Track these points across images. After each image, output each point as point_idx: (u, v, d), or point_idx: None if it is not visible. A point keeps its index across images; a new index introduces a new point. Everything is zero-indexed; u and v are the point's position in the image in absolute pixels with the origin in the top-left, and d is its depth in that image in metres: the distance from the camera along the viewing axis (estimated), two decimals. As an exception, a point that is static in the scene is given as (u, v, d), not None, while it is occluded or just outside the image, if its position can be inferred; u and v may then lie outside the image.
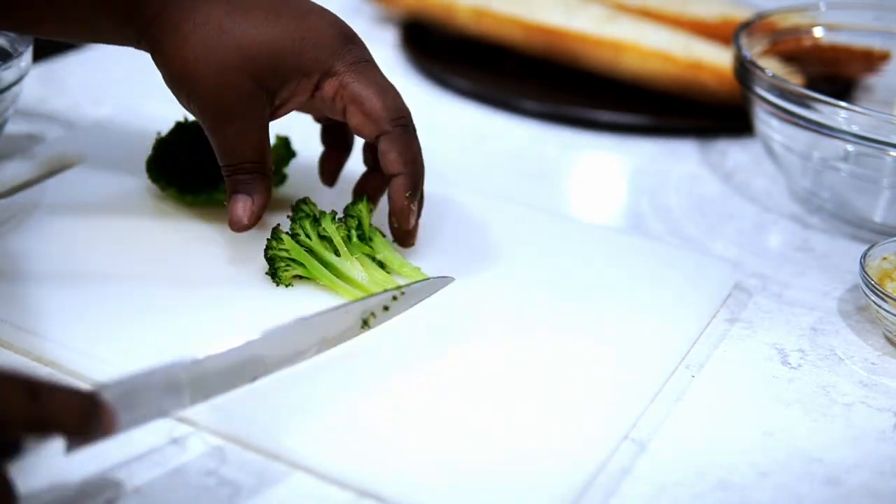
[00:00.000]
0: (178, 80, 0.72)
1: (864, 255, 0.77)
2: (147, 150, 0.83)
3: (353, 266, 0.74)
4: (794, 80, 1.01)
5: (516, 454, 0.61)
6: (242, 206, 0.74)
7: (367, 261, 0.75)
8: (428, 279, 0.74)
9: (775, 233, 0.92)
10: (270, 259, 0.74)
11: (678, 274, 0.80)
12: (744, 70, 0.93)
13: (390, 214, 0.75)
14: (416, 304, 0.72)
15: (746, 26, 0.99)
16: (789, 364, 0.73)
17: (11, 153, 0.89)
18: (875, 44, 1.07)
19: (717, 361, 0.73)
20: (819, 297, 0.81)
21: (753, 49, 0.98)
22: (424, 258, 0.79)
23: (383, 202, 0.78)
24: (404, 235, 0.78)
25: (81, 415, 0.55)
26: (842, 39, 1.06)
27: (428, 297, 0.73)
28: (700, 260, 0.83)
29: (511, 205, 0.87)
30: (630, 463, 0.64)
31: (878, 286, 0.74)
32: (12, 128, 0.93)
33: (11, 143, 0.92)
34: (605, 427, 0.64)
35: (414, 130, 0.75)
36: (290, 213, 0.76)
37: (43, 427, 0.53)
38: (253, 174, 0.74)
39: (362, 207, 0.76)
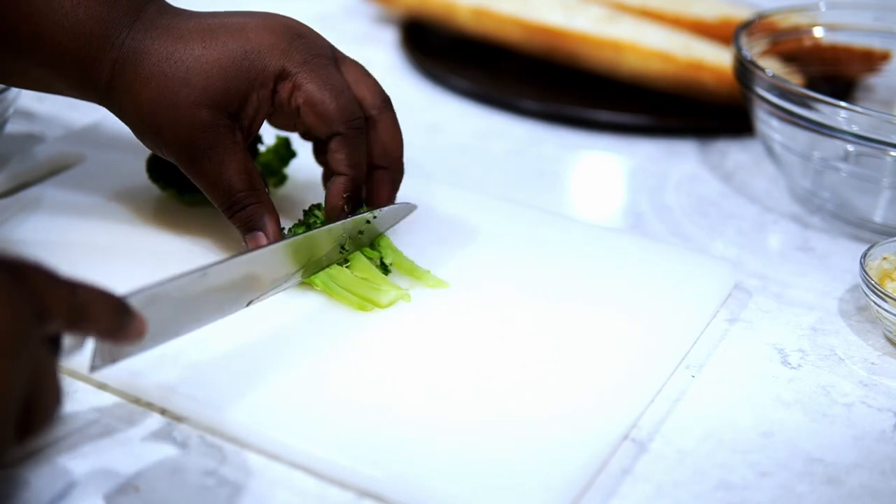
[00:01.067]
0: (144, 135, 0.73)
1: (865, 255, 0.77)
2: (147, 150, 0.82)
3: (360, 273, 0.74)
4: (795, 80, 1.01)
5: (516, 454, 0.61)
6: (256, 244, 0.73)
7: (368, 265, 0.75)
8: (396, 206, 0.77)
9: (775, 233, 0.92)
10: None
11: (678, 274, 0.79)
12: (744, 70, 0.93)
13: (325, 208, 0.75)
14: (387, 229, 0.77)
15: (746, 26, 0.99)
16: (789, 364, 0.73)
17: (11, 153, 0.89)
18: (875, 44, 1.06)
19: (717, 361, 0.73)
20: (819, 297, 0.81)
21: (753, 49, 0.98)
22: (425, 258, 0.78)
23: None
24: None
25: (115, 313, 0.56)
26: (842, 39, 1.06)
27: (396, 223, 0.78)
28: (700, 260, 0.83)
29: (511, 205, 0.87)
30: (630, 463, 0.64)
31: (878, 286, 0.74)
32: (12, 127, 0.93)
33: (11, 143, 0.92)
34: (605, 427, 0.64)
35: (364, 134, 0.75)
36: (302, 218, 0.76)
37: (82, 321, 0.54)
38: (250, 205, 0.73)
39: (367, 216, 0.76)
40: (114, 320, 0.56)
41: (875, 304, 0.74)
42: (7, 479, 0.59)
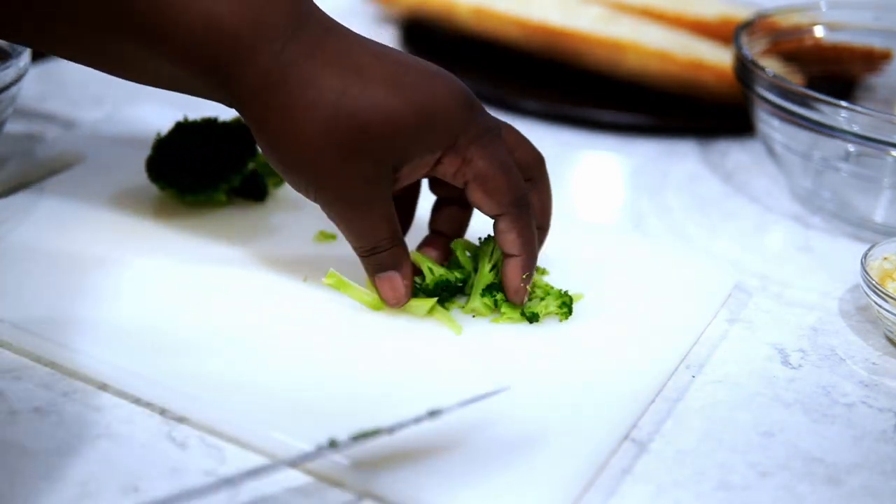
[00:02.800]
0: (295, 169, 0.67)
1: (865, 255, 0.77)
2: (147, 150, 0.83)
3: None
4: (795, 80, 1.01)
5: (516, 454, 0.61)
6: (391, 284, 0.71)
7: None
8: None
9: (776, 233, 0.92)
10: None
11: (678, 274, 0.79)
12: (744, 69, 0.93)
13: (503, 287, 0.72)
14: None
15: (747, 26, 0.99)
16: (790, 364, 0.73)
17: (11, 153, 0.89)
18: (876, 43, 1.07)
19: (717, 361, 0.73)
20: (820, 297, 0.81)
21: (754, 48, 0.98)
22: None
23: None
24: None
25: None
26: (843, 39, 1.06)
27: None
28: (700, 260, 0.82)
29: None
30: (630, 463, 0.64)
31: (878, 286, 0.74)
32: (11, 128, 0.93)
33: (11, 143, 0.92)
34: (605, 427, 0.64)
35: (529, 210, 0.71)
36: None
37: None
38: (390, 249, 0.70)
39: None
40: None
41: (876, 304, 0.74)
42: (7, 479, 0.59)
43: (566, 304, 0.72)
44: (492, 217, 0.71)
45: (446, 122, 0.67)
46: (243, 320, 0.71)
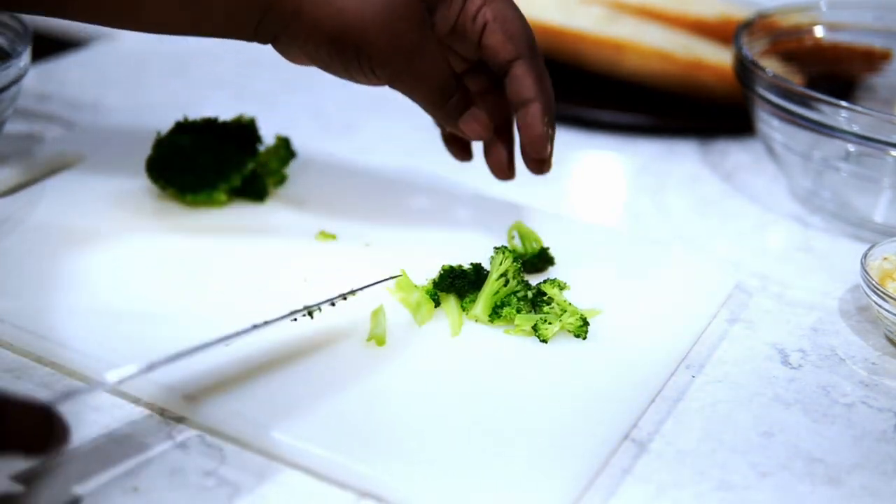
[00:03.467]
0: (342, 37, 0.67)
1: (865, 255, 0.77)
2: (147, 150, 0.83)
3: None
4: (795, 80, 1.01)
5: (516, 454, 0.61)
6: (476, 120, 0.73)
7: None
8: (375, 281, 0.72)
9: (776, 233, 0.92)
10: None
11: (678, 274, 0.80)
12: (744, 69, 0.93)
13: (524, 144, 0.72)
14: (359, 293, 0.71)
15: (747, 26, 0.99)
16: (790, 364, 0.73)
17: (11, 153, 0.89)
18: (876, 43, 1.07)
19: (717, 361, 0.73)
20: (820, 297, 0.81)
21: (754, 48, 0.98)
22: (424, 258, 0.79)
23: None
24: (539, 164, 0.75)
25: (39, 433, 0.53)
26: (842, 39, 1.06)
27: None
28: (700, 260, 0.83)
29: (511, 205, 0.87)
30: (630, 463, 0.64)
31: (878, 286, 0.74)
32: (11, 127, 0.93)
33: (11, 143, 0.92)
34: (605, 427, 0.64)
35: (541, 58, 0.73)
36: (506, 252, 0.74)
37: (3, 448, 0.52)
38: (458, 91, 0.72)
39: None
40: (38, 440, 0.53)
41: (876, 304, 0.74)
42: (7, 479, 0.59)
43: (583, 325, 0.71)
44: (507, 63, 0.71)
45: None
46: (244, 320, 0.71)
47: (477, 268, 0.74)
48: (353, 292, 0.69)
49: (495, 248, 0.75)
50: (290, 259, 0.78)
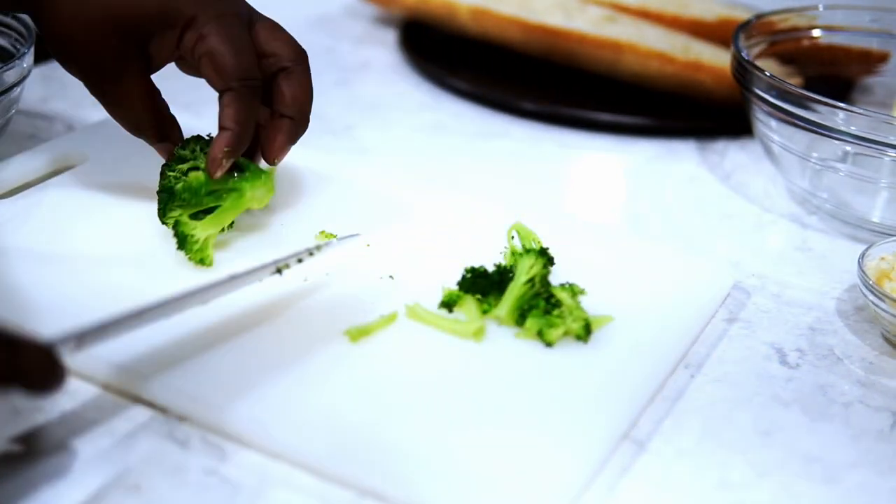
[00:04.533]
0: (56, 43, 0.75)
1: (863, 255, 0.77)
2: (147, 149, 0.82)
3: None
4: (793, 81, 1.01)
5: (516, 454, 0.62)
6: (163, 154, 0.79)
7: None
8: (338, 238, 0.78)
9: (774, 233, 0.92)
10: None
11: (677, 274, 0.80)
12: (742, 70, 0.93)
13: (207, 162, 0.76)
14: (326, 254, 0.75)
15: (745, 27, 0.99)
16: (788, 364, 0.74)
17: (13, 153, 0.89)
18: (873, 44, 1.07)
19: (716, 361, 0.73)
20: (817, 296, 0.81)
21: (752, 50, 0.99)
22: (423, 257, 0.79)
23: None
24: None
25: (42, 371, 0.56)
26: (840, 40, 1.06)
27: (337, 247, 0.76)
28: (699, 260, 0.83)
29: (511, 205, 0.87)
30: (630, 463, 0.64)
31: (875, 286, 0.74)
32: (14, 128, 0.93)
33: (13, 143, 0.93)
34: (605, 427, 0.64)
35: (257, 96, 0.75)
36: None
37: (11, 380, 0.54)
38: (148, 130, 0.78)
39: None
40: (42, 376, 0.56)
41: (873, 303, 0.74)
42: (8, 479, 0.59)
43: (586, 329, 0.71)
44: (219, 93, 0.75)
45: (180, 5, 0.74)
46: (244, 320, 0.71)
47: (500, 269, 0.74)
48: (318, 248, 0.74)
49: (525, 250, 0.75)
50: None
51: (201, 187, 0.76)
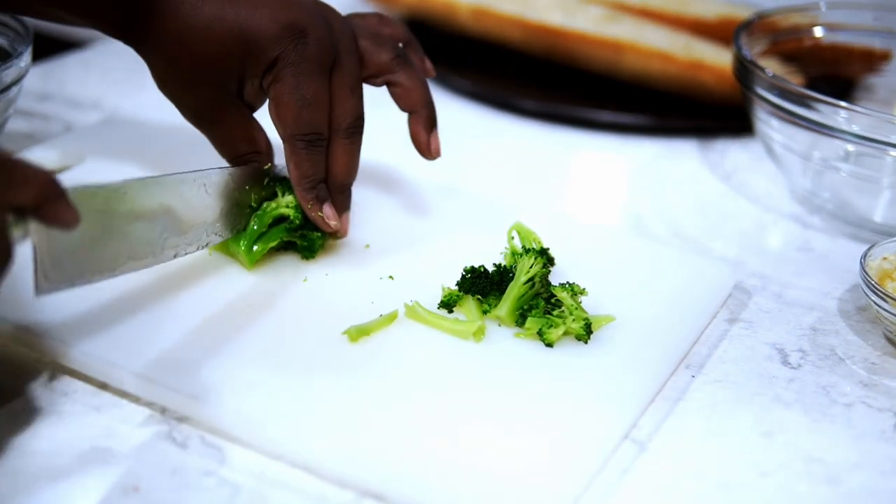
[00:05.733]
0: (167, 93, 0.76)
1: (865, 255, 0.77)
2: (147, 149, 0.82)
3: None
4: (795, 80, 1.01)
5: (516, 454, 0.61)
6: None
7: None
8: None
9: (775, 233, 0.92)
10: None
11: (678, 274, 0.80)
12: (744, 70, 0.93)
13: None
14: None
15: (746, 26, 0.99)
16: (789, 364, 0.73)
17: (11, 153, 0.89)
18: (875, 43, 1.07)
19: (717, 361, 0.73)
20: (819, 297, 0.81)
21: (753, 49, 0.98)
22: (423, 257, 0.79)
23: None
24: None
25: (46, 191, 0.57)
26: (842, 39, 1.06)
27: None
28: (700, 260, 0.83)
29: (511, 205, 0.87)
30: (630, 463, 0.64)
31: (878, 286, 0.74)
32: (12, 127, 0.93)
33: (11, 143, 0.92)
34: (606, 427, 0.64)
35: (315, 153, 0.75)
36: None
37: (14, 187, 0.55)
38: (255, 162, 0.77)
39: None
40: (44, 196, 0.56)
41: (875, 304, 0.74)
42: (8, 479, 0.59)
43: (587, 329, 0.71)
44: (282, 139, 0.75)
45: (263, 47, 0.73)
46: (244, 320, 0.71)
47: (500, 269, 0.74)
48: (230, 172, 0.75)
49: (525, 250, 0.75)
50: (291, 259, 0.78)
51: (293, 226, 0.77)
